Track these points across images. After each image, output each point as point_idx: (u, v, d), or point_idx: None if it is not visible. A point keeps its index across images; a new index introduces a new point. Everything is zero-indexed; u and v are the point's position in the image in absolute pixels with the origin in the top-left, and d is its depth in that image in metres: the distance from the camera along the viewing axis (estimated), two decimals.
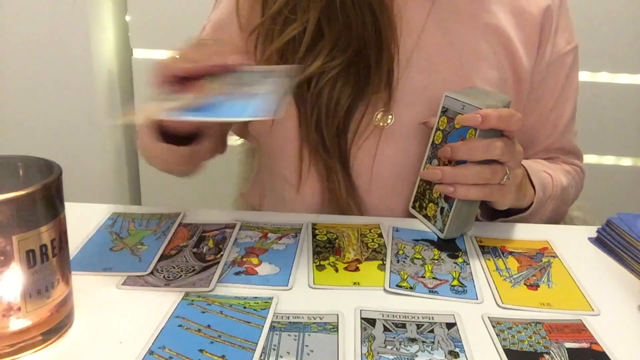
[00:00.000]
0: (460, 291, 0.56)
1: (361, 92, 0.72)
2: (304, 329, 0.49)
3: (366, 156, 0.74)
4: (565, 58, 0.81)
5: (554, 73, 0.81)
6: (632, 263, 0.62)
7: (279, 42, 0.72)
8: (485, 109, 0.62)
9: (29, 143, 1.56)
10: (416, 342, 0.48)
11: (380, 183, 0.75)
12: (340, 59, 0.70)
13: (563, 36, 0.80)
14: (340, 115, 0.72)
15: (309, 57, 0.71)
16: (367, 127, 0.73)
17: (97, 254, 0.60)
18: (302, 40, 0.71)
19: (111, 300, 0.53)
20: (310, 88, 0.72)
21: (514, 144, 0.64)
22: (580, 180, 0.86)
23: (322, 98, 0.71)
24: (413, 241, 0.66)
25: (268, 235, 0.66)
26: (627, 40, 1.54)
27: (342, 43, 0.70)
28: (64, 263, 0.47)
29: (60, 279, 0.46)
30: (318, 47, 0.71)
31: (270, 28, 0.73)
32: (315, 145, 0.73)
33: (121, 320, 0.50)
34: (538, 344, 0.49)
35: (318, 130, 0.72)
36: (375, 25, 0.71)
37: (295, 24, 0.71)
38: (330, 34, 0.70)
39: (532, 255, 0.64)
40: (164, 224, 0.67)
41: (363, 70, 0.72)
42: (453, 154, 0.64)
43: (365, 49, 0.71)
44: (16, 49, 1.51)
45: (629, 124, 1.62)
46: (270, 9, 0.73)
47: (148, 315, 0.50)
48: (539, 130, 0.83)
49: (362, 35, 0.70)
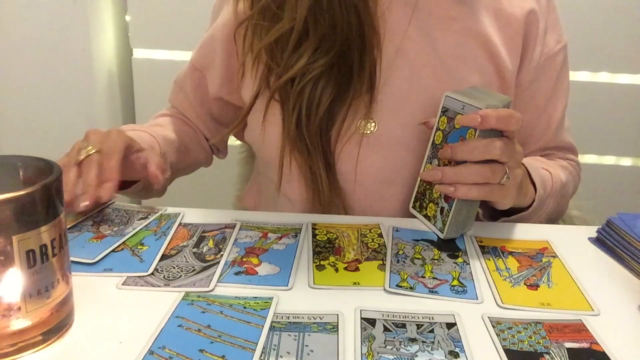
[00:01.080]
0: (460, 291, 0.56)
1: (343, 94, 0.72)
2: (304, 329, 0.49)
3: (349, 160, 0.75)
4: (555, 58, 0.81)
5: (545, 73, 0.81)
6: (632, 263, 0.62)
7: (268, 39, 0.72)
8: (485, 109, 0.62)
9: (29, 143, 1.56)
10: (416, 342, 0.48)
11: (364, 187, 0.76)
12: (323, 60, 0.71)
13: (552, 36, 0.80)
14: (320, 114, 0.72)
15: (294, 56, 0.72)
16: (348, 131, 0.74)
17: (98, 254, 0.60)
18: (289, 38, 0.71)
19: (111, 300, 0.53)
20: (293, 87, 0.72)
21: (514, 144, 0.64)
22: (578, 174, 0.86)
23: (303, 96, 0.72)
24: (413, 241, 0.66)
25: (268, 235, 0.66)
26: (627, 40, 1.54)
27: (326, 44, 0.71)
28: (64, 263, 0.47)
29: (60, 279, 0.46)
30: (303, 46, 0.71)
31: (259, 23, 0.73)
32: (297, 145, 0.73)
33: (121, 320, 0.50)
34: (538, 344, 0.49)
35: (299, 129, 0.73)
36: (360, 28, 0.71)
37: (283, 21, 0.71)
38: (315, 33, 0.71)
39: (532, 255, 0.64)
40: (164, 224, 0.67)
41: (345, 72, 0.72)
42: (453, 154, 0.64)
43: (348, 51, 0.71)
44: (16, 49, 1.51)
45: (629, 124, 1.62)
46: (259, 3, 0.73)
47: (148, 315, 0.50)
48: (533, 130, 0.83)
49: (346, 37, 0.71)
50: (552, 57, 0.80)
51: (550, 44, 0.80)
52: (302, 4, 0.70)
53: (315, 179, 0.74)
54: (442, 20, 0.75)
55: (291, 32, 0.71)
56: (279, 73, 0.73)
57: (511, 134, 0.63)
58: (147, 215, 0.68)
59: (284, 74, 0.72)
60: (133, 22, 1.58)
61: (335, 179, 0.75)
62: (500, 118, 0.62)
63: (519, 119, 0.63)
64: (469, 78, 0.75)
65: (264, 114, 0.75)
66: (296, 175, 0.76)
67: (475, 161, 0.63)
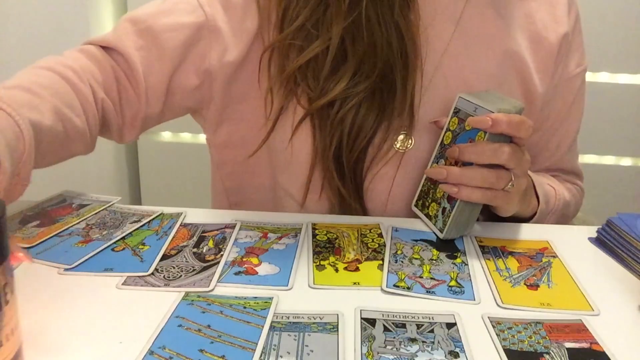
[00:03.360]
0: (458, 292, 0.56)
1: (384, 118, 0.69)
2: (304, 329, 0.49)
3: (383, 181, 0.72)
4: (574, 80, 0.80)
5: (561, 95, 0.79)
6: (632, 263, 0.62)
7: (301, 60, 0.67)
8: (497, 113, 0.62)
9: None
10: (416, 342, 0.48)
11: (395, 206, 0.74)
12: (365, 84, 0.67)
13: (574, 59, 0.79)
14: (362, 143, 0.69)
15: (332, 79, 0.68)
16: (387, 153, 0.71)
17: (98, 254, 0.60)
18: (324, 59, 0.67)
19: (111, 300, 0.53)
20: (331, 114, 0.68)
21: (522, 152, 0.64)
22: (580, 198, 0.86)
23: (345, 124, 0.68)
24: (412, 241, 0.66)
25: (268, 235, 0.66)
26: (627, 40, 1.54)
27: (367, 66, 0.67)
28: (13, 316, 0.39)
29: (10, 335, 0.38)
30: (342, 69, 0.67)
31: (291, 43, 0.68)
32: (331, 171, 0.70)
33: (121, 320, 0.50)
34: (538, 344, 0.49)
35: (336, 157, 0.70)
36: (401, 47, 0.67)
37: (318, 41, 0.67)
38: (354, 54, 0.67)
39: (532, 255, 0.64)
40: (165, 224, 0.67)
41: (388, 96, 0.69)
42: (460, 154, 0.63)
43: (391, 74, 0.68)
44: (16, 49, 1.51)
45: (629, 124, 1.62)
46: (292, 23, 0.68)
47: (148, 315, 0.50)
48: (542, 150, 0.82)
49: (387, 57, 0.67)
50: (570, 79, 0.79)
51: (570, 65, 0.78)
52: (336, 21, 0.66)
53: (345, 202, 0.72)
54: (483, 39, 0.73)
55: (326, 52, 0.67)
56: (314, 97, 0.68)
57: (520, 141, 0.63)
58: (140, 219, 0.67)
59: (320, 98, 0.67)
60: None
61: (364, 202, 0.73)
62: (512, 123, 0.61)
63: (530, 127, 0.62)
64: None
65: (292, 129, 0.71)
66: (323, 194, 0.73)
67: (482, 165, 0.63)
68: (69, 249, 0.61)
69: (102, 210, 0.70)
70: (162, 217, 0.69)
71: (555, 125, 0.81)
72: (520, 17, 0.75)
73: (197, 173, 1.70)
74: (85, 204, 0.71)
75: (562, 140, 0.82)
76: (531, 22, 0.75)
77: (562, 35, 0.76)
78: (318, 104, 0.68)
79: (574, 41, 0.78)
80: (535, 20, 0.75)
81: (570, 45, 0.78)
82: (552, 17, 0.76)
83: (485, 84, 0.73)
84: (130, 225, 0.66)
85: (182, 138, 1.70)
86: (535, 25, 0.75)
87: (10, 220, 0.66)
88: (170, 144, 1.70)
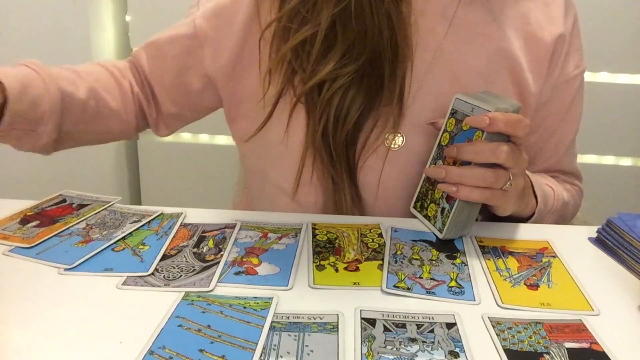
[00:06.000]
0: (458, 292, 0.56)
1: (372, 105, 0.71)
2: (304, 329, 0.49)
3: (373, 172, 0.73)
4: (572, 82, 0.79)
5: (559, 96, 0.79)
6: (632, 263, 0.62)
7: (293, 42, 0.70)
8: (494, 112, 0.62)
9: None
10: (416, 342, 0.48)
11: (385, 200, 0.74)
12: (352, 66, 0.68)
13: (572, 60, 0.79)
14: (349, 125, 0.70)
15: (322, 62, 0.70)
16: (375, 143, 0.72)
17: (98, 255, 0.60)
18: (316, 42, 0.69)
19: (111, 300, 0.53)
20: (322, 93, 0.70)
21: (520, 151, 0.64)
22: (580, 199, 0.86)
23: (332, 105, 0.70)
24: (412, 242, 0.66)
25: (268, 235, 0.66)
26: (627, 40, 1.54)
27: (355, 50, 0.69)
28: None
29: None
30: (331, 52, 0.69)
31: (287, 26, 0.70)
32: (321, 155, 0.72)
33: (121, 320, 0.50)
34: (538, 344, 0.49)
35: (325, 139, 0.71)
36: (392, 37, 0.69)
37: (310, 24, 0.69)
38: (343, 39, 0.69)
39: (532, 255, 0.64)
40: (165, 224, 0.67)
41: (375, 83, 0.70)
42: (459, 153, 0.64)
43: (379, 60, 0.69)
44: (16, 49, 1.51)
45: (629, 124, 1.62)
46: (288, 5, 0.71)
47: (148, 315, 0.50)
48: (540, 151, 0.82)
49: (377, 45, 0.68)
50: (568, 81, 0.79)
51: (569, 67, 0.78)
52: (326, 7, 0.68)
53: (338, 189, 0.72)
54: (476, 38, 0.73)
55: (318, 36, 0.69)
56: (305, 78, 0.70)
57: (518, 140, 0.63)
58: (140, 219, 0.68)
59: (311, 79, 0.70)
60: (133, 22, 1.58)
61: (358, 190, 0.73)
62: (509, 122, 0.61)
63: (527, 125, 0.62)
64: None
65: (288, 118, 0.73)
66: (314, 182, 0.74)
67: (480, 164, 0.63)
68: (69, 249, 0.61)
69: (102, 210, 0.70)
70: (162, 217, 0.69)
71: (553, 127, 0.81)
72: (514, 17, 0.75)
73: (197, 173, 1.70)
74: (85, 204, 0.71)
75: (561, 142, 0.82)
76: (526, 23, 0.75)
77: (557, 35, 0.76)
78: (307, 86, 0.70)
79: (572, 43, 0.78)
80: (530, 21, 0.75)
81: (568, 47, 0.78)
82: (547, 17, 0.76)
83: (478, 82, 0.73)
84: (130, 225, 0.66)
85: (182, 138, 1.70)
86: (530, 26, 0.75)
87: (10, 220, 0.66)
88: (170, 144, 1.70)
